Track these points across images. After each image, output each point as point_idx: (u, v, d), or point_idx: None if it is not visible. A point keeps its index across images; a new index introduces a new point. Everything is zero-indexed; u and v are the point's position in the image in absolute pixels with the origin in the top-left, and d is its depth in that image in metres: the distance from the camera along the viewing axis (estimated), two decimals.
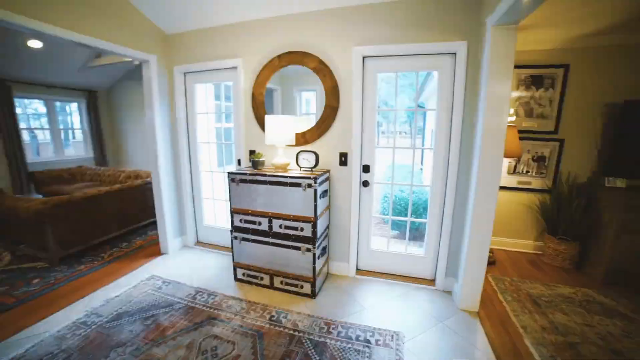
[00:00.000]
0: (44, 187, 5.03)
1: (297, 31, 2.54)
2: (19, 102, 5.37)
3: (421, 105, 5.39)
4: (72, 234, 3.09)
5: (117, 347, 1.89)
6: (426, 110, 4.94)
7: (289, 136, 2.38)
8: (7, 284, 2.64)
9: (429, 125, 4.73)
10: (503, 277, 2.63)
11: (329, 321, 2.14)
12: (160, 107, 3.03)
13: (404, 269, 2.71)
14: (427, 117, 5.23)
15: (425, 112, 5.14)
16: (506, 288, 2.47)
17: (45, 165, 5.73)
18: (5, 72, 4.90)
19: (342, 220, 2.70)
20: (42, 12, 2.05)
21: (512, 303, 2.25)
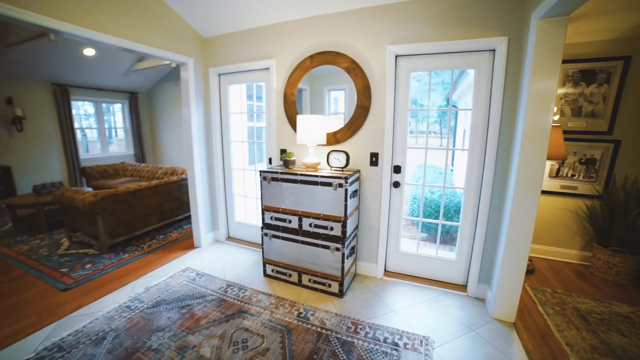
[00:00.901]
0: (93, 181, 5.48)
1: (330, 31, 2.55)
2: (74, 104, 5.89)
3: (452, 104, 5.19)
4: (118, 225, 3.34)
5: (157, 332, 2.02)
6: (461, 110, 4.75)
7: (320, 136, 2.40)
8: (67, 266, 2.96)
9: (461, 125, 4.55)
10: (543, 288, 2.47)
11: (356, 321, 2.14)
12: (196, 107, 3.18)
13: (433, 273, 2.63)
14: (458, 117, 5.03)
15: (457, 111, 4.94)
16: (547, 300, 2.31)
17: (93, 161, 6.25)
18: (64, 78, 5.42)
19: (372, 220, 2.68)
20: (98, 23, 2.24)
21: (555, 317, 2.11)
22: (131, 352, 1.85)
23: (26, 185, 5.21)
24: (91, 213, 3.17)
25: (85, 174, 5.54)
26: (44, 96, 5.40)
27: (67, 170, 5.78)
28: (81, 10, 2.13)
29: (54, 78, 5.37)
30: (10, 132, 5.05)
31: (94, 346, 1.90)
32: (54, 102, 5.53)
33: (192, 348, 1.88)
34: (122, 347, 1.89)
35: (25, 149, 5.24)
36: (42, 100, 5.38)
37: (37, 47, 4.37)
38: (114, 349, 1.88)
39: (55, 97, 5.51)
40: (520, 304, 2.15)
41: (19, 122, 5.02)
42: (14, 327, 2.09)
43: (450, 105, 2.49)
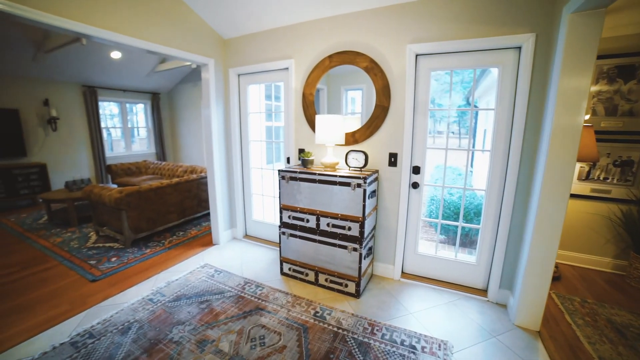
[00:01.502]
0: (117, 178, 5.72)
1: (349, 31, 2.54)
2: (101, 104, 6.18)
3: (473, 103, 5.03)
4: (141, 221, 3.47)
5: (178, 325, 2.08)
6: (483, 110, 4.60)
7: (339, 136, 2.40)
8: (95, 258, 3.11)
9: (481, 125, 4.41)
10: (571, 297, 2.36)
11: (372, 322, 2.12)
12: (216, 107, 3.26)
13: (452, 276, 2.57)
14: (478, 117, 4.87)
15: (477, 111, 4.78)
16: (576, 309, 2.20)
17: (117, 159, 6.53)
18: (93, 80, 5.70)
19: (390, 221, 2.65)
20: (125, 27, 2.33)
21: (586, 328, 2.00)
22: (154, 343, 1.92)
23: (59, 181, 5.53)
24: (117, 209, 3.31)
25: (111, 171, 5.79)
26: (75, 97, 5.70)
27: (94, 168, 6.07)
28: (110, 15, 2.23)
29: (84, 80, 5.65)
30: (46, 131, 5.37)
31: (121, 335, 1.98)
32: (84, 103, 5.82)
33: (211, 342, 1.92)
34: (146, 337, 1.97)
35: (59, 147, 5.55)
36: (73, 102, 5.68)
37: (71, 52, 4.62)
38: (138, 338, 1.95)
39: (85, 98, 5.81)
40: (546, 312, 2.06)
41: (54, 122, 5.34)
42: (51, 312, 2.24)
43: (472, 105, 2.42)
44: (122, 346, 1.89)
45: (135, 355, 1.82)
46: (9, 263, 3.02)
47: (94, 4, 2.12)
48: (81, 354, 1.83)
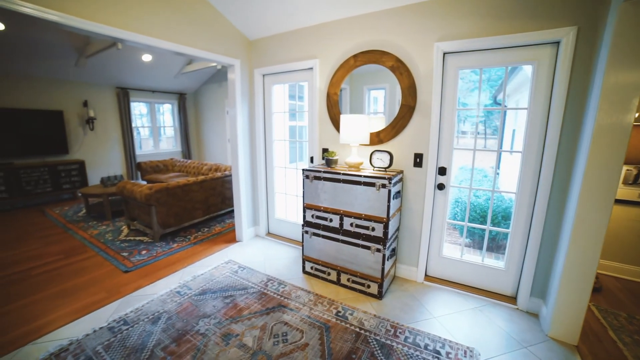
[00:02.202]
0: (146, 175, 6.00)
1: (374, 30, 2.52)
2: (132, 105, 6.50)
3: (499, 102, 4.83)
4: (168, 217, 3.62)
5: (204, 318, 2.16)
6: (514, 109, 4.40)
7: (364, 135, 2.39)
8: (127, 250, 3.28)
9: (510, 125, 4.23)
10: (616, 311, 2.20)
11: (395, 324, 2.10)
12: (242, 107, 3.34)
13: (478, 281, 2.49)
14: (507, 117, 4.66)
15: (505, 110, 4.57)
16: (622, 325, 2.05)
17: (146, 157, 6.85)
18: (125, 81, 6.03)
19: (414, 223, 2.60)
20: (156, 31, 2.44)
21: (635, 348, 1.86)
22: (182, 333, 2.00)
23: (95, 177, 5.91)
24: (147, 204, 3.47)
25: (140, 168, 6.08)
26: (110, 99, 6.05)
27: (125, 165, 6.41)
28: (143, 20, 2.34)
29: (118, 82, 5.98)
30: (85, 130, 5.74)
31: (151, 324, 2.08)
32: (117, 104, 6.16)
33: (235, 336, 1.98)
34: (174, 328, 2.05)
35: (95, 145, 5.91)
36: (108, 103, 6.03)
37: (107, 56, 4.91)
38: (167, 328, 2.04)
39: (118, 99, 6.14)
40: (585, 325, 1.94)
41: (92, 122, 5.70)
42: (90, 299, 2.41)
43: (503, 104, 2.33)
44: (153, 334, 1.98)
45: (165, 344, 1.90)
46: (55, 251, 3.28)
47: (129, 10, 2.24)
48: (117, 339, 1.94)
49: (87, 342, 1.92)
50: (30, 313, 2.23)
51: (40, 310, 2.26)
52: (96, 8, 2.06)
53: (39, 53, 4.49)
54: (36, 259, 3.08)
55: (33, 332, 2.03)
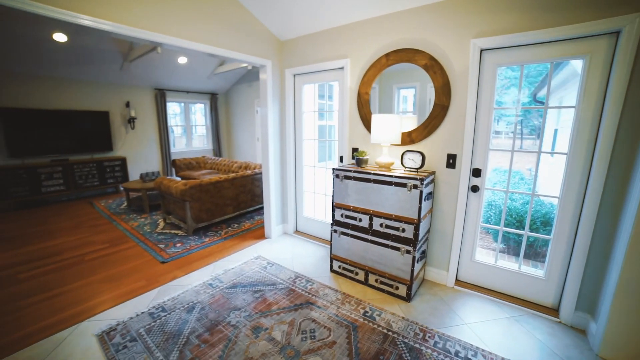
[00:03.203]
0: (180, 171, 6.32)
1: (407, 28, 2.47)
2: (167, 105, 6.88)
3: (539, 100, 4.52)
4: (201, 212, 3.79)
5: (234, 310, 2.25)
6: (559, 108, 4.12)
7: (395, 135, 2.36)
8: (164, 242, 3.49)
9: (550, 124, 3.96)
10: None
11: (424, 328, 2.06)
12: (273, 106, 3.42)
13: (514, 289, 2.37)
14: (548, 116, 4.36)
15: (546, 109, 4.27)
16: None
17: (179, 154, 7.22)
18: (162, 83, 6.40)
19: (445, 225, 2.53)
20: (191, 34, 2.56)
21: None
22: (215, 323, 2.10)
23: (135, 172, 6.34)
24: (181, 199, 3.67)
25: (175, 165, 6.42)
26: (148, 99, 6.44)
27: (161, 161, 6.80)
28: (181, 24, 2.46)
29: (156, 84, 6.36)
30: (127, 129, 6.18)
31: (186, 313, 2.20)
32: (155, 104, 6.55)
33: (264, 330, 2.04)
34: (207, 318, 2.16)
35: (135, 142, 6.33)
36: (147, 103, 6.43)
37: (147, 60, 5.25)
38: (201, 318, 2.15)
39: (156, 100, 6.53)
40: None
41: (132, 121, 6.12)
42: (133, 285, 2.60)
43: (546, 103, 2.19)
44: (188, 323, 2.10)
45: (199, 332, 2.01)
46: (103, 240, 3.58)
47: (170, 16, 2.37)
48: (157, 324, 2.08)
49: (131, 324, 2.08)
50: (85, 294, 2.47)
51: (92, 292, 2.49)
52: (142, 16, 2.21)
53: (90, 59, 4.90)
54: (88, 246, 3.38)
55: (88, 310, 2.26)
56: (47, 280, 2.67)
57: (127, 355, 1.82)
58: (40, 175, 4.92)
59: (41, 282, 2.64)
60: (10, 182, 4.64)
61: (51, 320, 2.14)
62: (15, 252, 3.23)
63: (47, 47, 4.35)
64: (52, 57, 4.60)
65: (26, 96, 4.91)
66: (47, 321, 2.14)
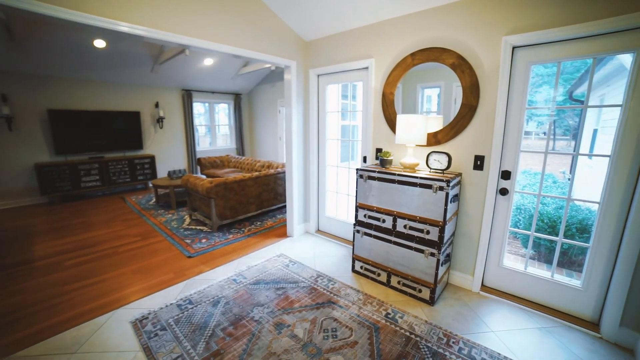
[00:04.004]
0: (205, 169, 6.54)
1: (434, 26, 2.42)
2: (193, 105, 7.13)
3: (577, 98, 4.23)
4: (225, 209, 3.91)
5: (258, 306, 2.30)
6: (599, 107, 3.86)
7: (421, 136, 2.32)
8: (190, 238, 3.63)
9: (589, 125, 3.72)
10: None
11: (448, 333, 2.01)
12: (297, 106, 3.46)
13: (546, 298, 2.25)
14: (587, 115, 4.09)
15: (585, 108, 4.01)
16: None
17: (204, 153, 7.46)
18: (189, 84, 6.64)
19: (471, 229, 2.46)
20: (218, 36, 2.63)
21: None
22: (239, 318, 2.16)
23: (163, 170, 6.64)
24: (207, 197, 3.79)
25: (200, 163, 6.64)
26: (176, 100, 6.72)
27: (187, 160, 7.06)
28: (207, 27, 2.54)
29: (183, 85, 6.62)
30: (156, 128, 6.48)
31: (212, 306, 2.28)
32: (182, 105, 6.81)
33: (287, 326, 2.07)
34: (232, 312, 2.22)
35: (163, 141, 6.63)
36: (174, 104, 6.70)
37: (176, 62, 5.47)
38: (225, 312, 2.22)
39: (183, 100, 6.79)
40: None
41: (161, 121, 6.41)
42: (162, 277, 2.74)
43: (587, 101, 2.06)
44: (214, 316, 2.18)
45: (224, 326, 2.07)
46: (134, 233, 3.78)
47: (197, 19, 2.45)
48: (185, 315, 2.18)
49: (161, 314, 2.19)
50: (120, 283, 2.63)
51: (126, 282, 2.65)
52: (172, 20, 2.31)
53: (124, 63, 5.19)
54: (121, 239, 3.59)
55: (123, 299, 2.40)
56: (88, 268, 2.88)
57: (158, 343, 1.92)
58: (80, 171, 5.27)
59: (83, 270, 2.85)
60: (56, 178, 5.04)
61: (92, 305, 2.31)
62: (62, 242, 3.50)
63: (89, 53, 4.66)
64: (92, 62, 4.93)
65: (70, 98, 5.31)
66: (89, 306, 2.31)
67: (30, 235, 3.69)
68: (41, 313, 2.22)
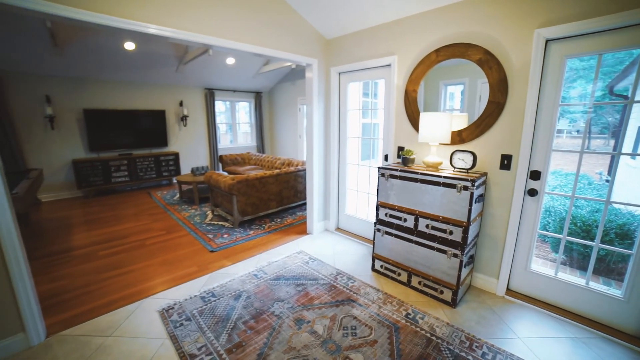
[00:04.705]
0: (226, 166, 6.70)
1: (460, 21, 2.35)
2: (215, 104, 7.32)
3: (618, 93, 3.94)
4: (247, 206, 4.00)
5: (278, 301, 2.34)
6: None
7: (445, 134, 2.26)
8: (212, 233, 3.74)
9: (634, 122, 3.46)
10: None
11: (471, 337, 1.96)
12: (318, 104, 3.47)
13: (579, 307, 2.14)
14: (631, 112, 3.81)
15: (630, 104, 3.73)
16: None
17: (225, 150, 7.65)
18: (212, 83, 6.82)
19: (496, 230, 2.37)
20: (241, 35, 2.68)
21: None
22: (260, 312, 2.21)
23: (186, 167, 6.88)
24: (229, 193, 3.89)
25: (222, 160, 6.81)
26: (199, 99, 6.92)
27: (209, 157, 7.27)
28: (230, 27, 2.59)
29: (206, 84, 6.81)
30: (180, 126, 6.72)
31: (234, 300, 2.35)
32: (205, 103, 7.02)
33: (306, 322, 2.10)
34: (253, 306, 2.28)
35: (187, 139, 6.86)
36: (197, 102, 6.91)
37: (200, 61, 5.64)
38: (247, 305, 2.28)
39: (205, 99, 6.99)
40: None
41: (185, 119, 6.64)
42: (186, 270, 2.84)
43: (633, 96, 1.92)
44: (235, 309, 2.24)
45: (246, 319, 2.13)
46: (160, 227, 3.96)
47: (220, 19, 2.50)
48: (208, 307, 2.25)
49: (186, 305, 2.28)
50: (147, 274, 2.77)
51: (153, 273, 2.78)
52: (197, 21, 2.37)
53: (151, 64, 5.42)
54: (148, 232, 3.76)
55: (150, 289, 2.53)
56: (119, 259, 3.04)
57: (184, 332, 2.00)
58: (110, 167, 5.57)
59: (114, 260, 3.02)
60: (90, 173, 5.37)
61: (123, 294, 2.44)
62: (96, 233, 3.74)
63: (119, 56, 4.91)
64: (122, 63, 5.19)
65: (102, 98, 5.62)
66: (120, 294, 2.45)
67: (69, 226, 3.95)
68: (80, 298, 2.39)
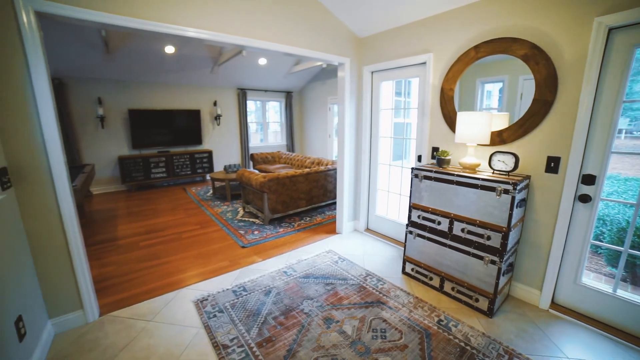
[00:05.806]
0: (257, 165, 6.89)
1: (502, 14, 2.21)
2: (247, 103, 7.54)
3: None
4: (277, 203, 4.08)
5: (307, 299, 2.36)
6: None
7: (484, 135, 2.15)
8: (243, 229, 3.86)
9: None
10: None
11: (510, 350, 1.85)
12: (350, 104, 3.45)
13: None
14: None
15: None
16: None
17: (255, 149, 7.87)
18: (244, 83, 7.05)
19: (540, 238, 2.21)
20: (273, 36, 2.71)
21: None
22: (289, 309, 2.25)
23: (219, 164, 7.19)
24: (260, 191, 4.00)
25: (253, 159, 7.02)
26: (232, 99, 7.18)
27: (241, 155, 7.52)
28: (264, 28, 2.64)
29: (238, 84, 7.05)
30: (213, 125, 7.02)
31: (264, 295, 2.41)
32: (237, 103, 7.26)
33: (335, 322, 2.10)
34: (282, 303, 2.32)
35: (220, 137, 7.15)
36: (230, 102, 7.17)
37: (233, 62, 5.84)
38: (277, 301, 2.33)
39: (238, 99, 7.23)
40: None
41: (218, 118, 6.93)
42: (219, 264, 2.96)
43: None
44: (266, 304, 2.29)
45: (275, 315, 2.17)
46: (194, 222, 4.16)
47: (253, 20, 2.55)
48: (239, 301, 2.33)
49: (218, 298, 2.37)
50: (183, 266, 2.92)
51: (188, 265, 2.93)
52: (231, 23, 2.44)
53: (188, 65, 5.73)
54: (184, 226, 3.97)
55: (186, 280, 2.67)
56: (157, 250, 3.25)
57: (217, 323, 2.09)
58: (150, 164, 5.97)
59: (153, 251, 3.23)
60: (133, 169, 5.80)
61: (161, 283, 2.60)
62: (137, 225, 4.02)
63: (160, 59, 5.24)
64: (162, 66, 5.54)
65: (144, 99, 6.04)
66: (159, 283, 2.61)
67: (115, 218, 4.29)
68: (124, 284, 2.59)
